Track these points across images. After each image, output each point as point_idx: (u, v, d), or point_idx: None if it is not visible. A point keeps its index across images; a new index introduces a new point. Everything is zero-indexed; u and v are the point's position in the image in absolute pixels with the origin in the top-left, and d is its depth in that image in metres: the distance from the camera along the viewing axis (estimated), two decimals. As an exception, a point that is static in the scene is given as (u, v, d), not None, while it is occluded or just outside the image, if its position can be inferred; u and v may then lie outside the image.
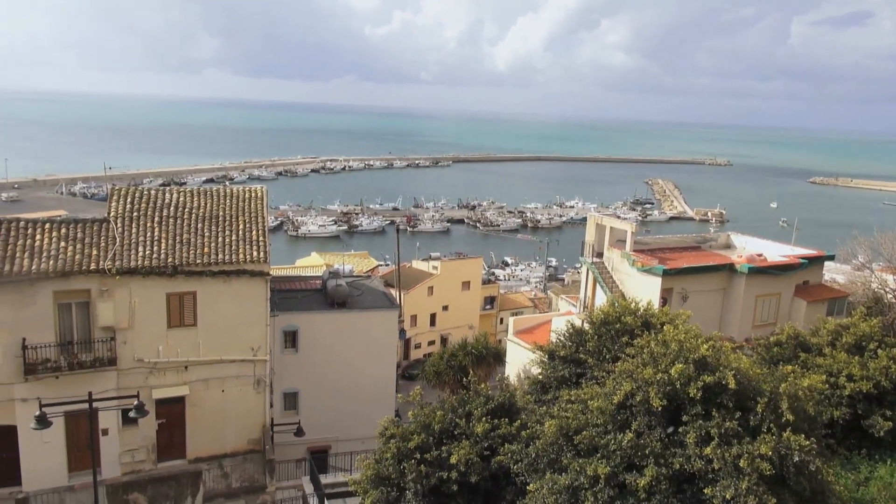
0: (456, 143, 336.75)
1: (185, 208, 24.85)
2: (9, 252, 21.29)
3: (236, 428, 25.02)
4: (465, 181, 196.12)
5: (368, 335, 30.37)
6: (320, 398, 29.86)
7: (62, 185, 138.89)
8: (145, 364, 23.09)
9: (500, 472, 14.56)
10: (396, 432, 15.25)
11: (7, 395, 21.46)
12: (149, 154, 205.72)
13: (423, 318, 56.25)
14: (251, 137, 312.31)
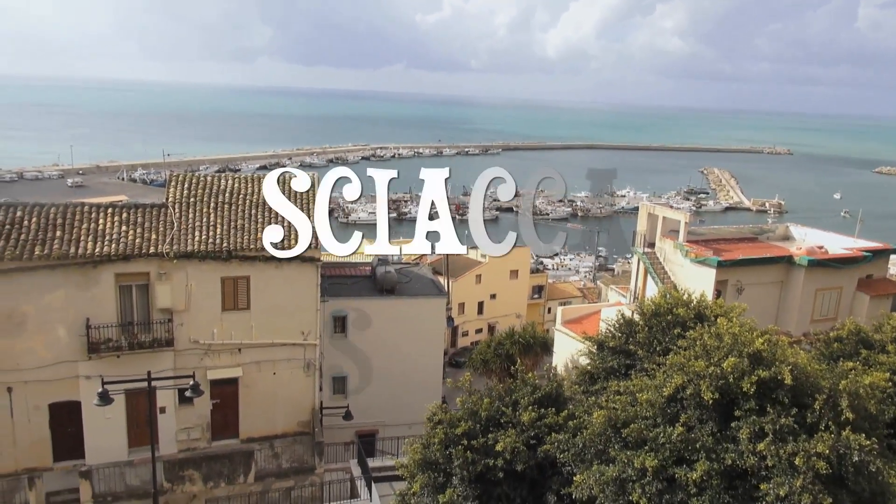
0: (506, 131, 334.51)
1: (239, 194, 25.40)
2: (74, 235, 22.19)
3: (286, 410, 25.60)
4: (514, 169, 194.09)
5: (416, 322, 30.60)
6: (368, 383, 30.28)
7: (123, 171, 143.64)
8: (200, 345, 23.79)
9: (546, 461, 14.53)
10: (444, 418, 15.36)
11: (72, 373, 22.44)
12: (204, 141, 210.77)
13: (470, 307, 56.32)
14: (303, 125, 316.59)
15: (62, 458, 23.16)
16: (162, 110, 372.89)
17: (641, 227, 31.75)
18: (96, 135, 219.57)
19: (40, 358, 22.02)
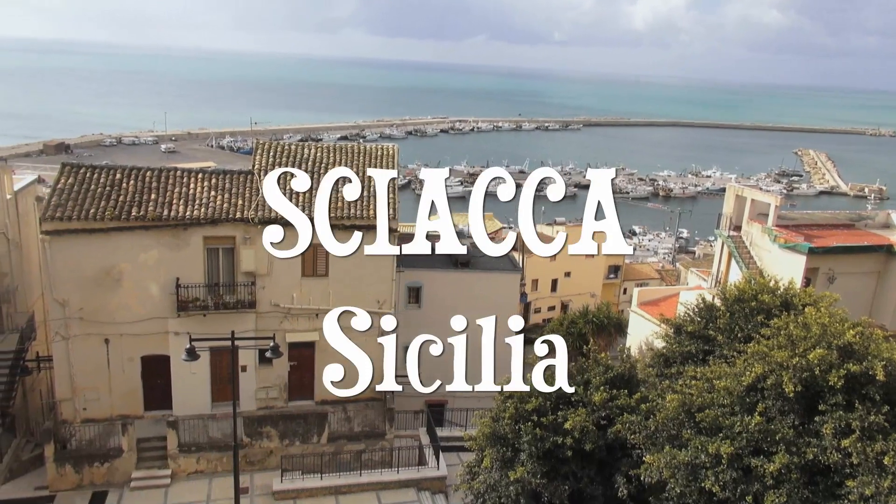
0: (587, 106, 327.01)
1: (321, 163, 25.98)
2: (167, 198, 23.31)
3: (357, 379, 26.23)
4: (594, 146, 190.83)
5: (490, 296, 30.65)
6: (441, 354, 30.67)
7: (212, 138, 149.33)
8: (281, 309, 24.67)
9: (616, 442, 14.40)
10: (515, 393, 15.40)
11: (162, 328, 23.77)
12: (288, 110, 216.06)
13: (544, 284, 55.91)
14: (383, 96, 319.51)
15: (152, 408, 24.68)
16: (249, 79, 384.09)
17: (728, 210, 30.53)
18: (188, 103, 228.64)
19: (134, 313, 23.40)
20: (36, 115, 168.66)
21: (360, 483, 23.22)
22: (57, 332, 22.97)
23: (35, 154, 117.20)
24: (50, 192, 22.92)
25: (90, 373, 23.56)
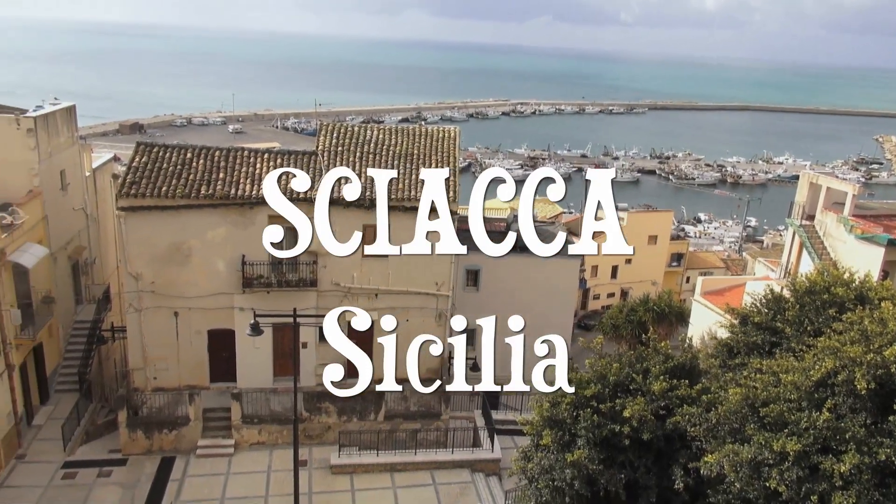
0: (653, 89, 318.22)
1: (383, 145, 26.19)
2: (234, 177, 23.96)
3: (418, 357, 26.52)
4: (659, 130, 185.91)
5: (549, 281, 30.43)
6: (497, 337, 30.68)
7: (277, 119, 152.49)
8: (341, 288, 25.12)
9: (675, 433, 14.13)
10: (574, 378, 15.29)
11: (228, 304, 24.56)
12: (351, 92, 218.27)
13: (604, 270, 55.13)
14: (445, 78, 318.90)
15: (217, 380, 25.61)
16: (314, 61, 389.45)
17: (800, 198, 29.34)
18: (254, 84, 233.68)
19: (202, 288, 24.25)
20: (112, 96, 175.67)
21: (415, 461, 23.56)
22: (130, 304, 24.04)
23: (111, 133, 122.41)
24: (125, 170, 23.88)
25: (160, 344, 24.60)
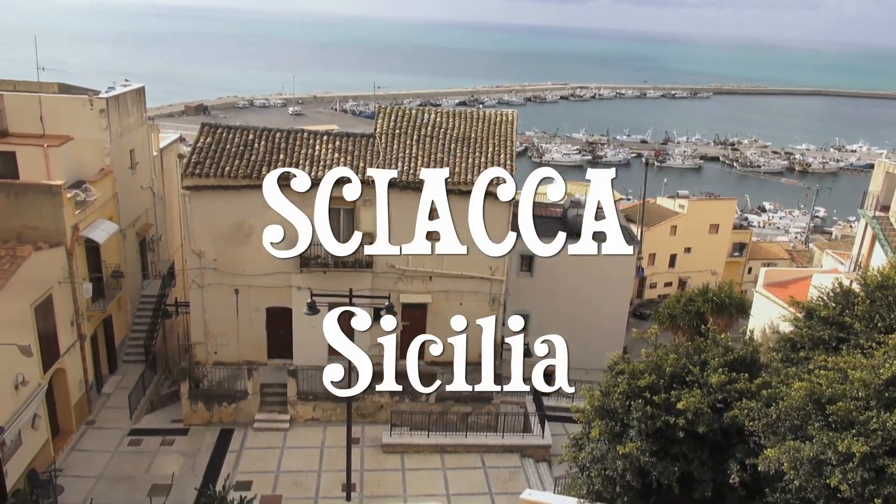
0: (719, 72, 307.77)
1: (440, 128, 26.19)
2: (294, 159, 24.38)
3: (469, 340, 26.60)
4: (724, 115, 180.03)
5: (604, 268, 30.02)
6: (550, 323, 30.47)
7: (336, 102, 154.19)
8: (395, 270, 25.36)
9: (732, 427, 13.77)
10: (626, 368, 15.07)
11: (286, 283, 25.12)
12: (409, 75, 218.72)
13: (661, 258, 53.97)
14: (502, 61, 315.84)
15: (274, 356, 26.29)
16: (372, 43, 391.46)
17: (875, 188, 27.97)
18: (314, 67, 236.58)
19: (261, 266, 24.85)
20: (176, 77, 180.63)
21: (465, 444, 23.73)
22: (193, 281, 24.85)
23: (177, 114, 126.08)
24: (191, 150, 24.59)
25: (221, 320, 25.38)
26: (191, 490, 20.49)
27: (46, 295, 20.99)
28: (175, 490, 20.54)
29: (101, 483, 21.22)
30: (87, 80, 31.43)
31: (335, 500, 20.97)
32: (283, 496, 21.07)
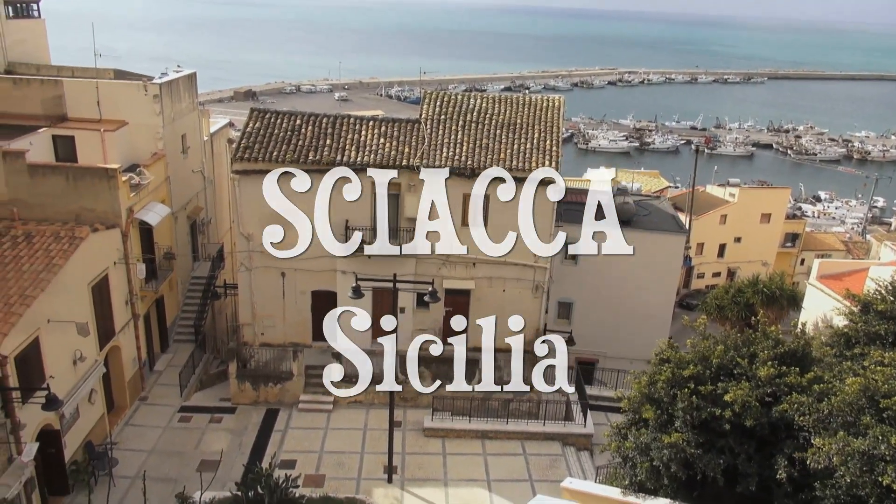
0: (774, 57, 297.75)
1: (486, 114, 26.05)
2: (340, 144, 24.60)
3: (512, 326, 26.57)
4: (779, 101, 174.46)
5: (651, 257, 29.53)
6: (594, 312, 30.23)
7: (382, 87, 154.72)
8: (439, 256, 25.41)
9: (781, 422, 13.47)
10: (672, 357, 14.86)
11: (331, 266, 25.44)
12: (455, 60, 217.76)
13: (710, 248, 52.87)
14: (548, 46, 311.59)
15: (319, 339, 26.67)
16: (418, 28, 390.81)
17: (938, 177, 26.80)
18: (360, 52, 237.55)
19: (307, 250, 25.16)
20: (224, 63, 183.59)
21: (506, 430, 23.77)
22: (242, 263, 25.38)
23: (226, 100, 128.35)
24: (240, 135, 25.02)
25: (268, 302, 25.89)
26: (238, 467, 21.07)
27: (103, 275, 21.74)
28: (223, 466, 21.13)
29: (153, 457, 21.99)
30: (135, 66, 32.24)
31: (377, 482, 21.29)
32: (326, 476, 21.48)
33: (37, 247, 19.53)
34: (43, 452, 18.14)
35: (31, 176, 21.54)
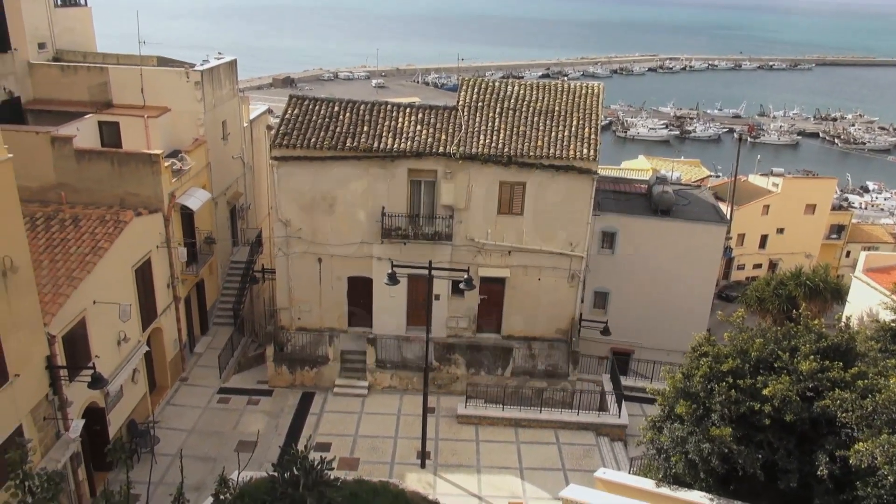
0: (822, 42, 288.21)
1: (524, 101, 25.83)
2: (377, 131, 24.67)
3: (547, 315, 26.50)
4: (827, 88, 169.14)
5: (690, 248, 29.07)
6: (630, 302, 29.90)
7: (419, 74, 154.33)
8: (475, 244, 25.40)
9: (823, 418, 13.20)
10: (710, 351, 14.64)
11: (367, 253, 25.63)
12: (492, 46, 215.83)
13: (751, 239, 51.76)
14: (587, 32, 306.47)
15: (354, 325, 26.98)
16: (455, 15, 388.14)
17: None
18: (397, 39, 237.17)
19: (344, 236, 25.45)
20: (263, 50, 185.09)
21: (540, 419, 23.73)
22: (279, 249, 25.73)
23: (265, 87, 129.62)
24: (279, 121, 25.28)
25: (305, 287, 26.23)
26: (274, 448, 21.47)
27: (146, 258, 22.27)
28: (260, 447, 21.54)
29: (193, 436, 22.54)
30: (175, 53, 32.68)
31: (410, 466, 21.48)
32: (361, 459, 21.75)
33: (83, 230, 20.08)
34: (88, 429, 18.74)
35: (78, 161, 22.12)
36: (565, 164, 24.02)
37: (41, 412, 16.63)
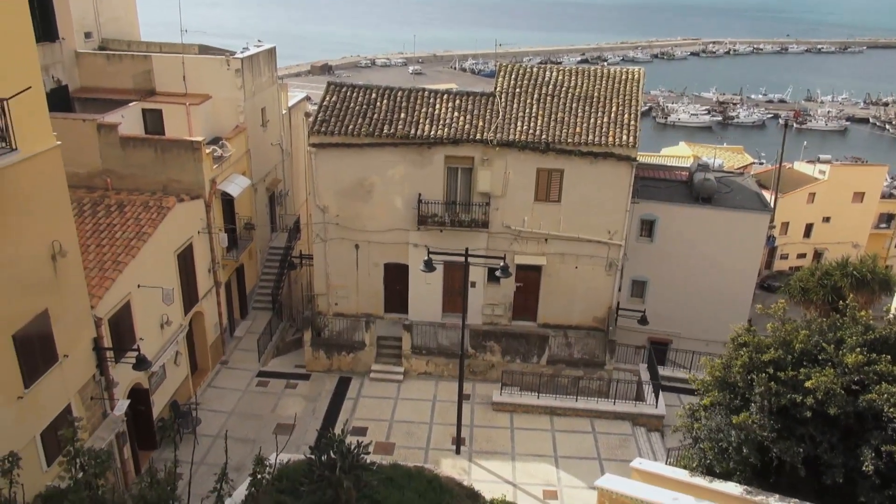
0: (875, 24, 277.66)
1: (562, 87, 25.53)
2: (414, 118, 24.67)
3: (583, 304, 26.30)
4: (879, 72, 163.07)
5: (732, 236, 28.46)
6: (669, 291, 29.44)
7: (456, 60, 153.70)
8: (511, 231, 25.29)
9: (869, 412, 12.82)
10: (750, 341, 14.34)
11: (403, 239, 25.74)
12: (529, 31, 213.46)
13: (796, 228, 50.44)
14: (626, 15, 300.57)
15: (390, 311, 27.17)
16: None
17: None
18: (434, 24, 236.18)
19: (381, 223, 25.59)
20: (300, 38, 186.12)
21: (575, 408, 23.62)
22: (317, 235, 26.01)
23: (304, 74, 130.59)
24: (317, 108, 25.46)
25: (342, 273, 26.49)
26: (312, 431, 21.81)
27: (187, 243, 22.73)
28: (297, 430, 21.93)
29: (233, 418, 23.04)
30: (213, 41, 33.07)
31: (445, 452, 21.63)
32: (396, 444, 21.97)
33: (128, 215, 20.58)
34: (133, 409, 19.30)
35: (123, 148, 22.63)
36: (604, 151, 23.69)
37: (88, 392, 17.19)
